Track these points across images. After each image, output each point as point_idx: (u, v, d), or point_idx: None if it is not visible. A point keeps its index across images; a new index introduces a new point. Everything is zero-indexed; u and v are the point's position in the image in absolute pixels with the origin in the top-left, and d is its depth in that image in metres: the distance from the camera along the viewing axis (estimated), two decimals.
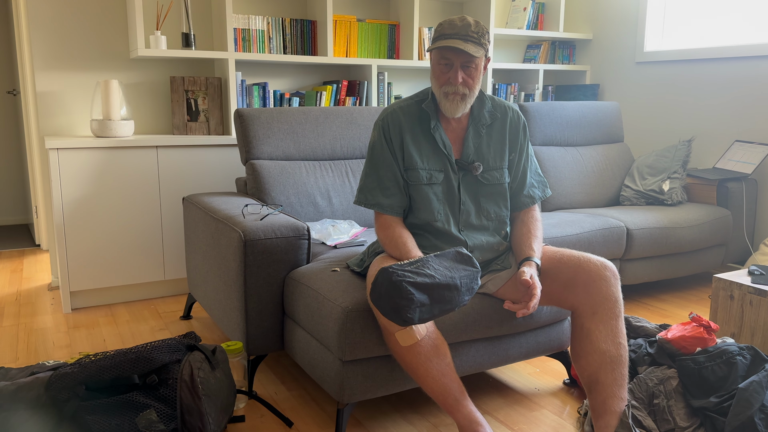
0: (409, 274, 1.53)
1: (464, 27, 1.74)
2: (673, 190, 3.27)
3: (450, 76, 1.77)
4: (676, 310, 2.98)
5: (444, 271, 1.58)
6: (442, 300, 1.56)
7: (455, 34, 1.74)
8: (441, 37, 1.76)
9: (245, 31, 3.32)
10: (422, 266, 1.57)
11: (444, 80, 1.78)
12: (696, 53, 3.67)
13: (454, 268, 1.61)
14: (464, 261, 1.64)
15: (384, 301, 1.52)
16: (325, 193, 2.60)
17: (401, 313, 1.51)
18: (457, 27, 1.74)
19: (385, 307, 1.53)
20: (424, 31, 3.76)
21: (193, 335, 1.80)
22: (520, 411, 2.00)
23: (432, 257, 1.61)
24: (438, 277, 1.56)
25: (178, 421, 1.54)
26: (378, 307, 1.55)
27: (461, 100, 1.79)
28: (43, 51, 3.03)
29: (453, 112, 1.81)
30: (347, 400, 1.75)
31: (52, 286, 3.28)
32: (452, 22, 1.76)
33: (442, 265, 1.60)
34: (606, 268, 1.75)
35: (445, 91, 1.79)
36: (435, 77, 1.81)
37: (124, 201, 2.92)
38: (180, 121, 3.19)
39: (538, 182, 1.98)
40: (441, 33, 1.77)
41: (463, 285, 1.60)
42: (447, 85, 1.78)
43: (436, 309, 1.56)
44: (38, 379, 1.57)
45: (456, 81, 1.76)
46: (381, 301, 1.53)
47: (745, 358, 1.81)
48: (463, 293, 1.60)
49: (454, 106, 1.80)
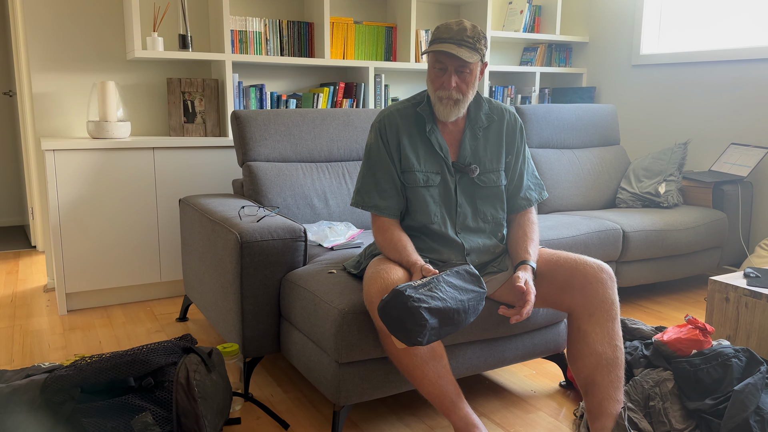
0: (424, 298, 1.50)
1: (460, 31, 1.74)
2: (669, 193, 3.27)
3: (444, 80, 1.77)
4: (672, 312, 2.98)
5: (454, 294, 1.57)
6: (450, 323, 1.55)
7: (450, 38, 1.74)
8: (436, 41, 1.76)
9: (242, 32, 3.32)
10: (435, 288, 1.55)
11: (438, 84, 1.79)
12: (692, 56, 3.69)
13: (463, 289, 1.59)
14: (473, 281, 1.63)
15: (395, 322, 1.50)
16: (321, 195, 2.60)
17: (411, 336, 1.49)
18: (452, 31, 1.74)
19: (395, 327, 1.50)
20: (421, 34, 3.76)
21: (189, 337, 1.80)
22: (516, 413, 2.00)
23: (443, 277, 1.59)
24: (449, 301, 1.54)
25: (174, 424, 1.54)
26: (386, 324, 1.52)
27: (454, 105, 1.79)
28: (40, 52, 3.02)
29: (446, 116, 1.81)
30: (343, 403, 1.75)
31: (48, 288, 3.27)
32: (448, 26, 1.76)
33: (452, 286, 1.58)
34: (602, 271, 1.76)
35: (439, 96, 1.79)
36: (430, 81, 1.81)
37: (120, 202, 2.92)
38: (177, 123, 3.19)
39: (534, 185, 1.99)
40: (437, 37, 1.77)
41: (470, 308, 1.59)
42: (441, 89, 1.78)
43: (443, 331, 1.55)
44: (33, 381, 1.56)
45: (449, 86, 1.76)
46: (391, 320, 1.50)
47: (740, 360, 1.81)
48: (469, 315, 1.60)
49: (448, 111, 1.80)
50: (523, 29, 4.16)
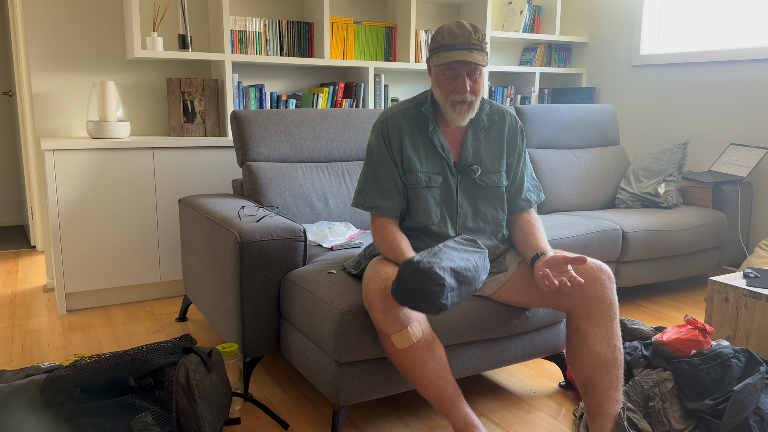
0: (433, 260, 1.52)
1: (466, 35, 1.72)
2: (669, 193, 3.27)
3: (457, 85, 1.75)
4: (672, 312, 2.98)
5: (459, 254, 1.61)
6: (466, 281, 1.57)
7: (458, 44, 1.72)
8: (443, 48, 1.74)
9: (242, 32, 3.32)
10: (439, 252, 1.57)
11: (451, 89, 1.77)
12: (691, 56, 3.69)
13: (465, 251, 1.64)
14: (470, 244, 1.69)
15: (414, 294, 1.49)
16: (321, 195, 2.60)
17: (435, 300, 1.49)
18: (458, 36, 1.72)
19: (417, 299, 1.50)
20: (420, 34, 3.76)
21: (188, 337, 1.80)
22: (515, 413, 2.00)
23: (442, 245, 1.62)
24: (457, 260, 1.57)
25: (174, 424, 1.54)
26: (407, 302, 1.51)
27: (468, 108, 1.79)
28: (40, 52, 3.02)
29: (461, 120, 1.80)
30: (343, 403, 1.75)
31: (48, 288, 3.27)
32: (452, 31, 1.73)
33: (453, 250, 1.62)
34: (602, 271, 1.76)
35: (452, 100, 1.77)
36: (440, 86, 1.79)
37: (120, 202, 2.92)
38: (176, 123, 3.19)
39: (533, 186, 1.99)
40: (443, 44, 1.74)
41: (479, 265, 1.64)
42: (454, 93, 1.76)
43: (463, 291, 1.57)
44: (33, 381, 1.56)
45: (465, 90, 1.75)
46: (410, 294, 1.50)
47: (740, 360, 1.82)
48: (480, 272, 1.63)
49: (462, 115, 1.79)
50: (523, 29, 4.16)
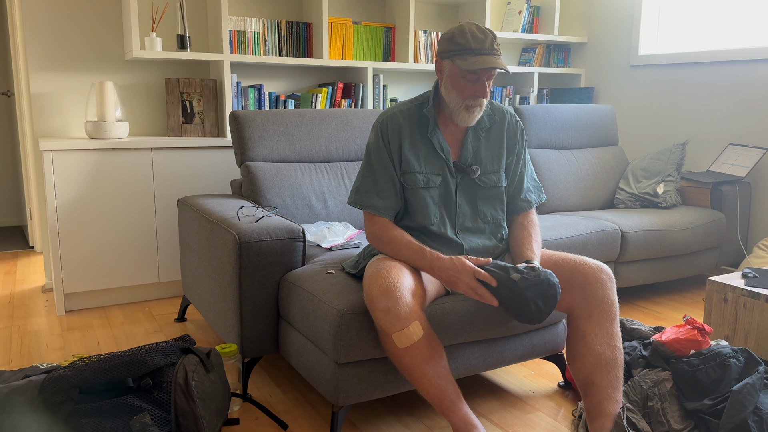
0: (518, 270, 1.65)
1: (489, 40, 1.71)
2: (668, 193, 3.28)
3: (476, 89, 1.75)
4: (671, 312, 2.99)
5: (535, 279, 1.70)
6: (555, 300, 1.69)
7: (484, 49, 1.70)
8: (468, 52, 1.71)
9: (240, 33, 3.31)
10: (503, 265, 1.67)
11: (469, 93, 1.75)
12: (690, 57, 3.69)
13: None
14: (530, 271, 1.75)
15: (538, 302, 1.62)
16: (320, 196, 2.60)
17: (549, 306, 1.63)
18: (482, 41, 1.70)
19: (540, 307, 1.62)
20: (419, 34, 3.76)
21: (187, 338, 1.79)
22: (514, 413, 2.00)
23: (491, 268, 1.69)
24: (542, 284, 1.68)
25: (173, 425, 1.54)
26: (527, 315, 1.63)
27: (479, 110, 1.80)
28: (38, 52, 3.02)
29: (470, 121, 1.81)
30: (342, 403, 1.74)
31: (46, 288, 3.27)
32: (475, 35, 1.71)
33: None
34: (602, 271, 1.76)
35: (468, 104, 1.77)
36: (456, 89, 1.76)
37: (118, 203, 2.91)
38: (175, 123, 3.18)
39: (534, 187, 1.99)
40: (467, 47, 1.71)
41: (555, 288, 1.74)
42: (472, 98, 1.76)
43: None
44: (32, 382, 1.56)
45: (485, 95, 1.75)
46: (531, 304, 1.62)
47: (738, 360, 1.82)
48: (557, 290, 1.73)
49: (473, 117, 1.80)
50: (522, 30, 4.16)
